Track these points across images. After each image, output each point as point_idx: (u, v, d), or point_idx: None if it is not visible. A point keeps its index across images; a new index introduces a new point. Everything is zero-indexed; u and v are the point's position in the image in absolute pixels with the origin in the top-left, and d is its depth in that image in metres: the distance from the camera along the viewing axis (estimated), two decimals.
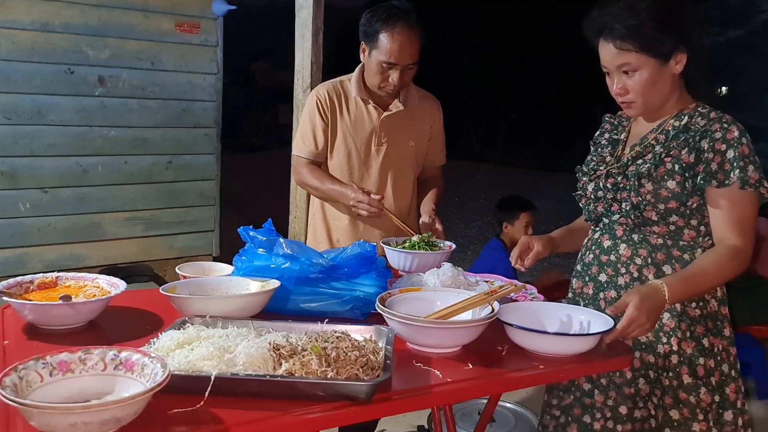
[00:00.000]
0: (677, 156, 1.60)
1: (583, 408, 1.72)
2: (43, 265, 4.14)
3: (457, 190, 10.56)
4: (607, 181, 1.69)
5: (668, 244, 1.64)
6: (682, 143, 1.60)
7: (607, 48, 1.58)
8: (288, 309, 1.54)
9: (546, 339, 1.38)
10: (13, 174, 4.10)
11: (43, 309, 1.40)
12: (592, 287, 1.75)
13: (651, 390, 1.65)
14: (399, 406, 1.19)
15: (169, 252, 4.78)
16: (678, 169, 1.59)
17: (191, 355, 1.15)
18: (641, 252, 1.66)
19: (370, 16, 2.22)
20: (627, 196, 1.64)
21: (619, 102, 1.66)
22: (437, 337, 1.36)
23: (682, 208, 1.60)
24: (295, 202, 3.53)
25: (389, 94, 2.28)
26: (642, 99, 1.61)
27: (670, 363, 1.63)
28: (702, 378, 1.62)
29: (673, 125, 1.64)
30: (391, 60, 2.17)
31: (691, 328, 1.63)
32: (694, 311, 1.63)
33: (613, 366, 1.54)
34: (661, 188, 1.60)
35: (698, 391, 1.61)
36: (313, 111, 2.33)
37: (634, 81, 1.58)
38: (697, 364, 1.62)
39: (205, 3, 4.67)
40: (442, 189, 2.47)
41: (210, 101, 4.82)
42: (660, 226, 1.63)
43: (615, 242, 1.70)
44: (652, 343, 1.64)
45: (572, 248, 1.90)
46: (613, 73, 1.61)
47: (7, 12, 3.95)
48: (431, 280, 1.70)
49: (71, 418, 0.93)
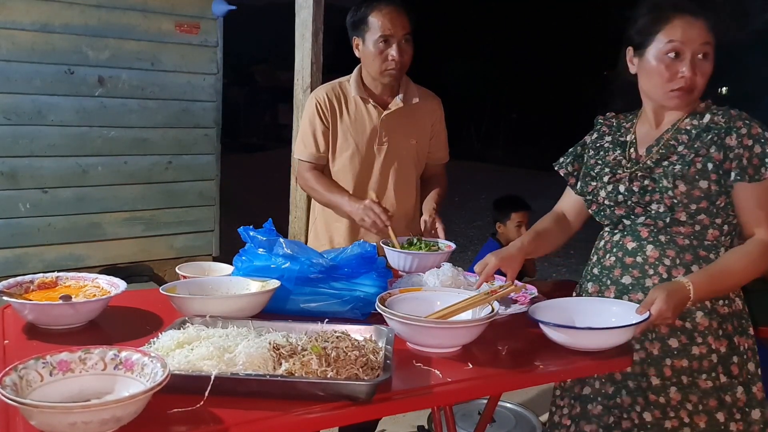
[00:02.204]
0: (707, 155, 1.58)
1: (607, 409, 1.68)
2: (43, 265, 4.13)
3: (458, 190, 10.55)
4: (632, 184, 1.66)
5: (694, 244, 1.62)
6: (708, 142, 1.59)
7: (698, 24, 1.55)
8: (288, 309, 1.54)
9: (587, 335, 1.39)
10: (13, 174, 4.10)
11: (43, 309, 1.40)
12: (614, 290, 1.70)
13: (684, 397, 1.61)
14: (399, 406, 1.19)
15: (169, 252, 4.77)
16: (712, 168, 1.57)
17: (191, 354, 1.15)
18: (669, 253, 1.63)
19: (354, 8, 2.28)
20: (659, 198, 1.61)
21: (676, 89, 1.59)
22: (437, 337, 1.36)
23: (711, 207, 1.59)
24: (295, 202, 3.53)
25: (393, 76, 2.28)
26: (702, 88, 1.59)
27: (709, 363, 1.60)
28: (737, 377, 1.61)
29: (692, 124, 1.63)
30: (386, 33, 2.20)
31: (723, 326, 1.61)
32: (723, 308, 1.62)
33: (614, 366, 1.53)
34: (694, 189, 1.58)
35: (734, 391, 1.60)
36: (313, 114, 2.33)
37: (707, 67, 1.56)
38: (731, 363, 1.61)
39: (205, 3, 4.66)
40: (445, 187, 2.47)
41: (210, 101, 4.82)
42: (686, 227, 1.61)
43: (640, 244, 1.66)
44: (686, 347, 1.61)
45: (542, 252, 1.86)
46: (686, 53, 1.56)
47: (7, 12, 3.95)
48: (431, 280, 1.70)
49: (71, 418, 0.93)
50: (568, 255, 6.92)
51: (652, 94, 1.67)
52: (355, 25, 2.27)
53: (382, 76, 2.28)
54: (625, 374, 1.66)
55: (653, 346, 1.63)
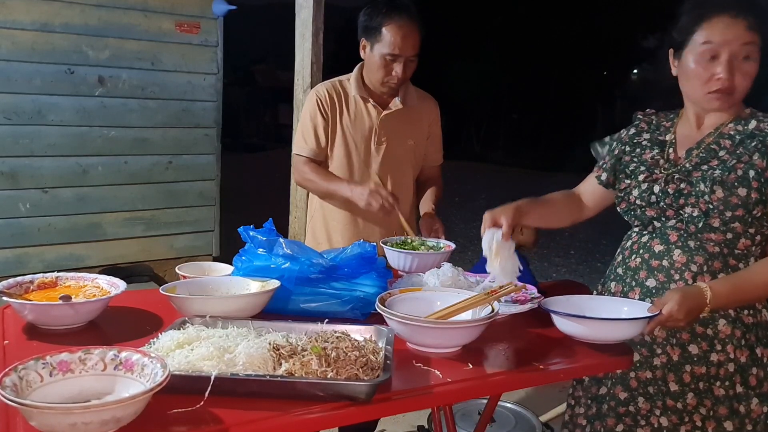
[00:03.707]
0: (749, 162, 1.53)
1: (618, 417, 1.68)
2: (43, 266, 4.14)
3: (458, 190, 10.55)
4: (668, 186, 1.62)
5: (724, 252, 1.58)
6: (752, 149, 1.54)
7: (738, 23, 1.50)
8: (288, 309, 1.54)
9: (595, 325, 1.40)
10: (13, 174, 4.10)
11: (43, 309, 1.40)
12: (639, 292, 1.66)
13: (699, 402, 1.60)
14: (399, 406, 1.19)
15: (169, 252, 4.78)
16: (754, 175, 1.52)
17: (191, 355, 1.15)
18: (697, 259, 1.59)
19: (370, 11, 2.23)
20: (695, 202, 1.57)
21: (713, 90, 1.55)
22: (437, 337, 1.36)
23: (747, 216, 1.54)
24: (295, 202, 3.53)
25: (392, 88, 2.29)
26: (744, 90, 1.55)
27: (726, 371, 1.58)
28: (754, 388, 1.59)
29: (737, 130, 1.58)
30: (396, 52, 2.19)
31: (746, 336, 1.59)
32: (748, 318, 1.59)
33: (614, 366, 1.53)
34: (732, 195, 1.53)
35: (749, 401, 1.58)
36: (314, 109, 2.33)
37: (749, 67, 1.52)
38: (750, 374, 1.58)
39: (205, 3, 4.67)
40: (440, 189, 2.47)
41: (210, 101, 4.82)
42: (718, 234, 1.57)
43: (668, 247, 1.62)
44: (706, 353, 1.59)
45: (542, 221, 1.81)
46: (723, 54, 1.51)
47: (7, 12, 3.95)
48: (431, 280, 1.70)
49: (71, 419, 0.93)
50: (568, 255, 6.93)
51: (691, 96, 1.64)
52: (366, 28, 2.25)
53: (382, 86, 2.29)
54: (644, 381, 1.64)
55: (674, 352, 1.61)
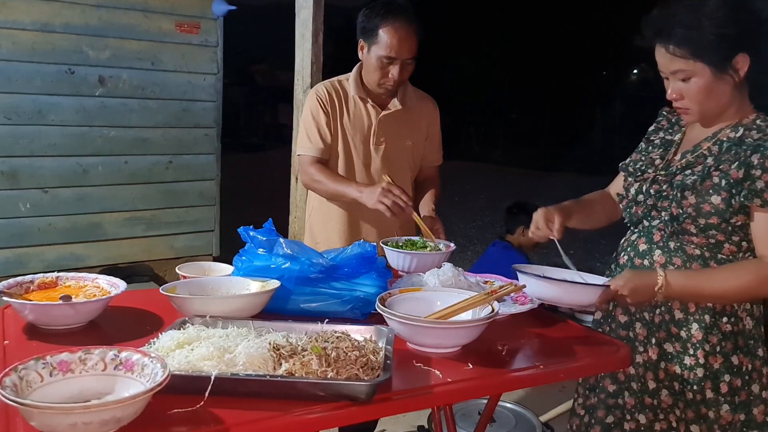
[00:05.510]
0: (726, 171, 1.51)
1: (607, 409, 1.71)
2: (43, 265, 4.14)
3: (457, 190, 10.54)
4: (652, 186, 1.65)
5: (706, 255, 1.58)
6: (732, 157, 1.52)
7: (661, 52, 1.52)
8: (288, 309, 1.54)
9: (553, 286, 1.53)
10: (14, 174, 4.10)
11: (43, 309, 1.40)
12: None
13: (674, 402, 1.62)
14: (399, 406, 1.19)
15: (169, 252, 4.78)
16: (725, 185, 1.51)
17: (191, 355, 1.15)
18: (675, 260, 1.60)
19: (368, 12, 2.23)
20: (668, 205, 1.59)
21: (674, 108, 1.61)
22: (437, 337, 1.36)
23: (724, 224, 1.53)
24: (295, 202, 3.53)
25: (388, 90, 2.28)
26: (698, 107, 1.54)
27: (695, 376, 1.59)
28: (725, 395, 1.58)
29: (728, 136, 1.57)
30: (392, 54, 2.18)
31: (722, 343, 1.58)
32: (726, 326, 1.58)
33: (614, 366, 1.54)
34: (704, 203, 1.53)
35: (719, 408, 1.58)
36: (316, 107, 2.32)
37: (690, 88, 1.52)
38: (721, 381, 1.58)
39: (205, 3, 4.67)
40: (439, 189, 2.47)
41: (210, 101, 4.82)
42: (699, 237, 1.57)
43: (650, 246, 1.65)
44: (680, 354, 1.61)
45: (584, 223, 1.83)
46: (668, 77, 1.55)
47: (8, 12, 3.95)
48: (431, 280, 1.70)
49: (71, 419, 0.93)
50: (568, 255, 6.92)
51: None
52: (364, 30, 2.24)
53: (378, 88, 2.29)
54: (629, 376, 1.66)
55: (653, 351, 1.64)
